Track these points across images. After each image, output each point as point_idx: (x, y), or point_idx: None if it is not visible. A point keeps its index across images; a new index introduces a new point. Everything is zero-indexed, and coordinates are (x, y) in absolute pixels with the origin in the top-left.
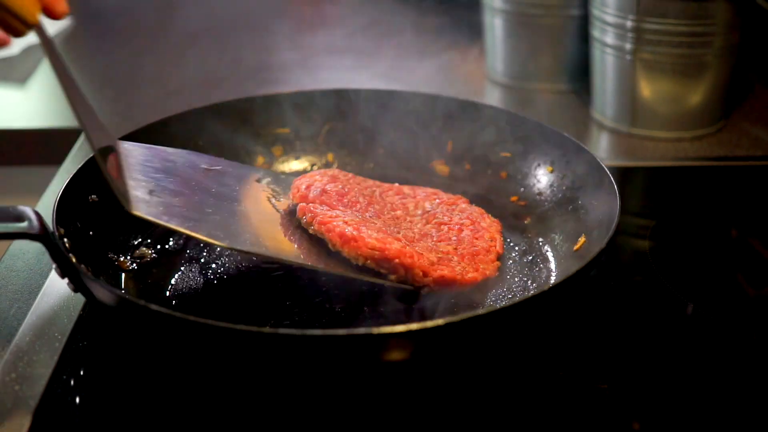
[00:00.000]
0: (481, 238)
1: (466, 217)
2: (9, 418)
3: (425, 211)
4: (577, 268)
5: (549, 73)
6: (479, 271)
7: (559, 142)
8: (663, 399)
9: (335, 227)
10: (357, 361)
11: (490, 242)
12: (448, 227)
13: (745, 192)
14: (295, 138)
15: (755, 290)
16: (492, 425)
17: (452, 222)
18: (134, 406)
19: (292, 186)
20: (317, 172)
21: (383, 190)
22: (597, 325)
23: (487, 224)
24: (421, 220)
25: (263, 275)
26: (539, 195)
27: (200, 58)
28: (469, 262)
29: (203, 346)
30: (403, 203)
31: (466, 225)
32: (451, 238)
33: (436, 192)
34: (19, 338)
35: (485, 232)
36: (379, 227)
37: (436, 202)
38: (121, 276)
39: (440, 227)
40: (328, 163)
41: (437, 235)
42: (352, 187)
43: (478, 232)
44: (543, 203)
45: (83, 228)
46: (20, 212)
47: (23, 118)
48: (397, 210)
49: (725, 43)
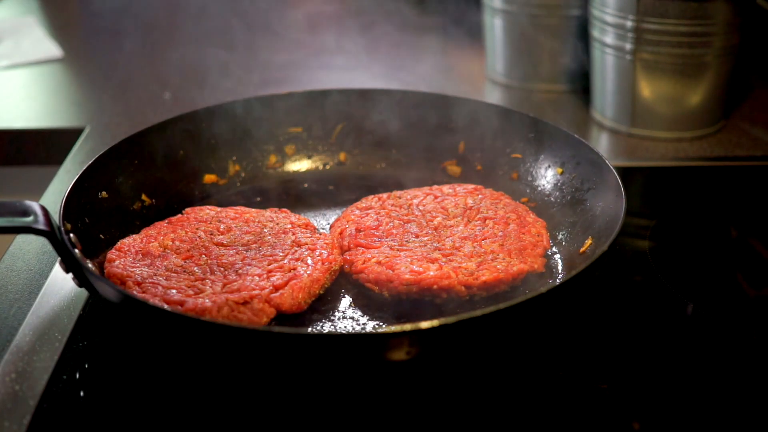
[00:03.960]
0: (528, 233)
1: (511, 211)
2: (9, 418)
3: (468, 207)
4: (570, 276)
5: (549, 73)
6: (527, 263)
7: (570, 144)
8: (663, 399)
9: (369, 273)
10: (358, 360)
11: (537, 237)
12: (494, 222)
13: (745, 192)
14: (308, 137)
15: (755, 290)
16: (492, 425)
17: (497, 216)
18: (134, 405)
19: (330, 234)
20: (350, 209)
21: (420, 199)
22: (597, 325)
23: (533, 219)
24: (462, 220)
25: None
26: (548, 196)
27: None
28: (517, 257)
29: (206, 345)
30: (442, 207)
31: (512, 219)
32: (497, 234)
33: (478, 188)
34: (19, 338)
35: (531, 227)
36: (415, 250)
37: (479, 197)
38: None
39: (485, 222)
40: (341, 163)
41: (482, 232)
42: (388, 212)
43: (525, 226)
44: (553, 205)
45: (90, 224)
46: (26, 207)
47: (23, 118)
48: (437, 217)
49: (725, 43)
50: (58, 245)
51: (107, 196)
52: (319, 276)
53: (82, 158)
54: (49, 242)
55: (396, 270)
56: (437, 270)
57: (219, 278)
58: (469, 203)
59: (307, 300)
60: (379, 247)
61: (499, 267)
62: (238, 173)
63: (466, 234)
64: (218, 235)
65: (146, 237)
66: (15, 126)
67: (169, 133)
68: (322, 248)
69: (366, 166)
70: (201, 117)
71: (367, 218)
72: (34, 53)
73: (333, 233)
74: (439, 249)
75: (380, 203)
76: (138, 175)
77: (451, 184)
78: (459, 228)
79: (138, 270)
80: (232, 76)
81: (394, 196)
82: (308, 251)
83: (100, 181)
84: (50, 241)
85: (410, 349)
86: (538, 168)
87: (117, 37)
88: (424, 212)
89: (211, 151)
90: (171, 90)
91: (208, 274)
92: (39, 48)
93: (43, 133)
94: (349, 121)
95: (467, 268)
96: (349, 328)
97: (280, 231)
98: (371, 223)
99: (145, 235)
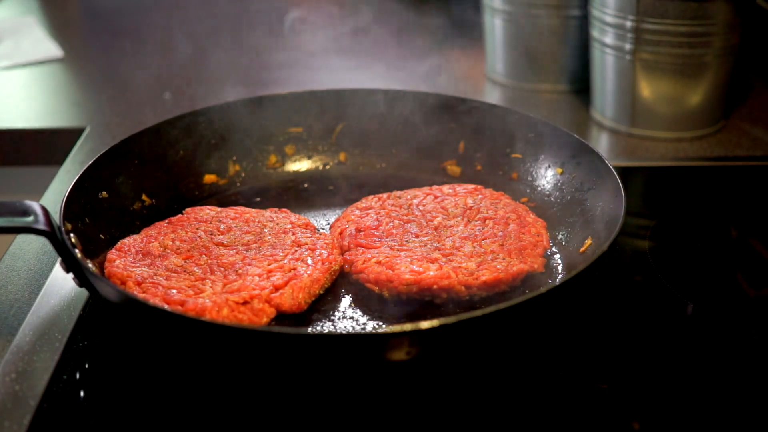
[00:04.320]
0: (528, 233)
1: (511, 211)
2: (9, 418)
3: (468, 207)
4: (570, 276)
5: (549, 73)
6: (527, 263)
7: (570, 144)
8: (663, 399)
9: (369, 273)
10: (358, 360)
11: (537, 237)
12: (494, 222)
13: (745, 192)
14: (308, 137)
15: (755, 290)
16: (493, 425)
17: (497, 216)
18: (134, 405)
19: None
20: (350, 209)
21: (420, 199)
22: (597, 325)
23: (533, 219)
24: (462, 220)
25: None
26: (548, 196)
27: (204, 57)
28: (517, 257)
29: (206, 345)
30: (442, 206)
31: (512, 219)
32: (497, 234)
33: (478, 188)
34: (20, 338)
35: (531, 227)
36: (415, 250)
37: (479, 197)
38: None
39: (485, 222)
40: (341, 163)
41: (482, 232)
42: (388, 212)
43: (525, 226)
44: (552, 205)
45: (91, 224)
46: (27, 207)
47: (23, 118)
48: (437, 217)
49: (725, 44)
50: (58, 245)
51: (107, 196)
52: (319, 276)
53: (82, 158)
54: (49, 242)
55: (396, 270)
56: (437, 270)
57: (219, 278)
58: (469, 203)
59: (307, 300)
60: (379, 247)
61: (499, 267)
62: (238, 173)
63: (466, 234)
64: (218, 235)
65: (146, 237)
66: (15, 126)
67: (170, 133)
68: (322, 248)
69: (366, 166)
70: (201, 117)
71: (367, 218)
72: (34, 53)
73: (333, 233)
74: (439, 249)
75: (380, 203)
76: (138, 175)
77: (451, 184)
78: (459, 228)
79: (138, 270)
80: (232, 75)
81: (394, 196)
82: (308, 251)
83: (101, 181)
84: (51, 241)
85: (410, 349)
86: (538, 168)
87: (117, 37)
88: (424, 212)
89: (211, 151)
90: (171, 90)
91: (208, 274)
92: (39, 48)
93: (43, 133)
94: (350, 121)
95: (467, 268)
96: (349, 328)
97: (280, 231)
98: (371, 223)
99: (145, 235)
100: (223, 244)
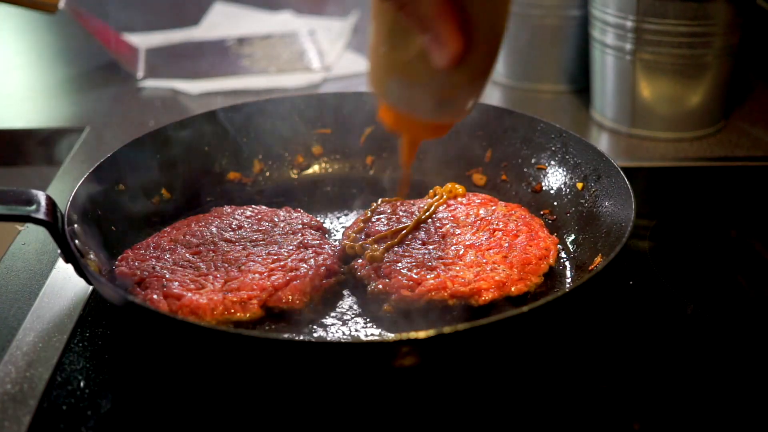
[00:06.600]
0: (536, 246)
1: (524, 224)
2: (9, 418)
3: (479, 217)
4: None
5: (549, 74)
6: (524, 283)
7: (593, 157)
8: (663, 399)
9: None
10: (364, 367)
11: (544, 251)
12: (503, 233)
13: (745, 192)
14: (336, 139)
15: (755, 290)
16: (493, 425)
17: (507, 228)
18: (134, 405)
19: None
20: (362, 216)
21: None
22: (597, 325)
23: (545, 235)
24: (471, 228)
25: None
26: (567, 210)
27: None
28: (518, 271)
29: (208, 350)
30: (454, 216)
31: (523, 231)
32: (503, 245)
33: (493, 199)
34: (19, 338)
35: (541, 242)
36: (417, 257)
37: (492, 208)
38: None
39: (494, 233)
40: (366, 167)
41: (487, 242)
42: (398, 218)
43: (534, 240)
44: (571, 218)
45: (103, 216)
46: (31, 195)
47: (23, 118)
48: (446, 224)
49: (725, 44)
50: (58, 237)
51: (124, 189)
52: (319, 280)
53: (82, 158)
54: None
55: (394, 278)
56: (435, 278)
57: (222, 274)
58: (481, 214)
59: (306, 302)
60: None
61: (497, 278)
62: (262, 171)
63: (470, 243)
64: (229, 231)
65: (162, 234)
66: (15, 126)
67: (195, 128)
68: (327, 253)
69: (392, 171)
70: (230, 113)
71: (377, 224)
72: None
73: (345, 238)
74: (442, 258)
75: (392, 210)
76: (160, 168)
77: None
78: (465, 237)
79: (145, 264)
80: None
81: (407, 203)
82: (313, 254)
83: (119, 173)
84: (50, 231)
85: (407, 357)
86: (561, 180)
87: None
88: (434, 220)
89: (237, 148)
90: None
91: (212, 269)
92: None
93: (43, 133)
94: (378, 125)
95: (464, 278)
96: (348, 331)
97: (290, 231)
98: (380, 228)
99: (162, 232)
100: (231, 240)
